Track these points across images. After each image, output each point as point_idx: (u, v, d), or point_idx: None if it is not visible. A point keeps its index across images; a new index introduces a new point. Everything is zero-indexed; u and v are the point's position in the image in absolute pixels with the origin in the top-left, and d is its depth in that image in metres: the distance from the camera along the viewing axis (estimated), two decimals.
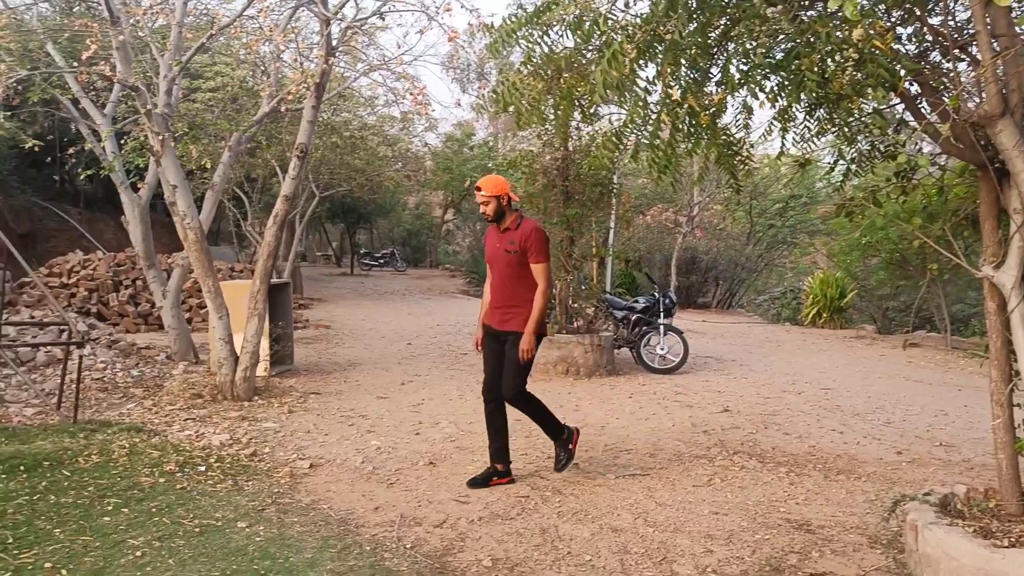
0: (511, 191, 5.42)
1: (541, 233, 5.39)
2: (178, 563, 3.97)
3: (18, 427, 6.32)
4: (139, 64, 7.78)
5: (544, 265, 5.35)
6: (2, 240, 7.90)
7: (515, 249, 5.34)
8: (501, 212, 5.42)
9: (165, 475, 5.34)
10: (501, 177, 5.49)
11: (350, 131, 15.23)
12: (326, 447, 6.40)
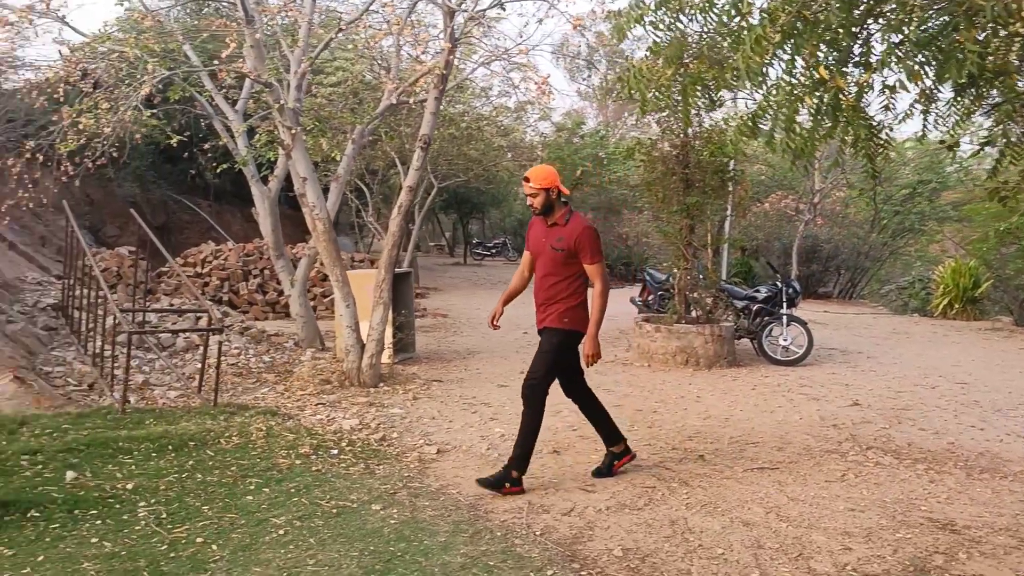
0: (561, 184, 5.16)
1: (593, 231, 5.13)
2: (318, 542, 4.11)
3: (164, 409, 6.69)
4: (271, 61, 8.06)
5: (599, 266, 5.10)
6: (147, 232, 8.34)
7: (563, 247, 5.07)
8: (550, 205, 5.15)
9: (301, 457, 5.54)
10: (551, 168, 5.26)
11: (466, 122, 15.40)
12: (451, 433, 6.50)
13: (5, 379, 6.85)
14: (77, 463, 5.12)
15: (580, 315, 5.18)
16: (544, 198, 5.12)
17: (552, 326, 5.16)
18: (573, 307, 5.15)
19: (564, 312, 5.13)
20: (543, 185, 5.10)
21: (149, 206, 19.27)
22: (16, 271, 10.51)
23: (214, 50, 12.09)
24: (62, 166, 7.92)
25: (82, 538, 4.05)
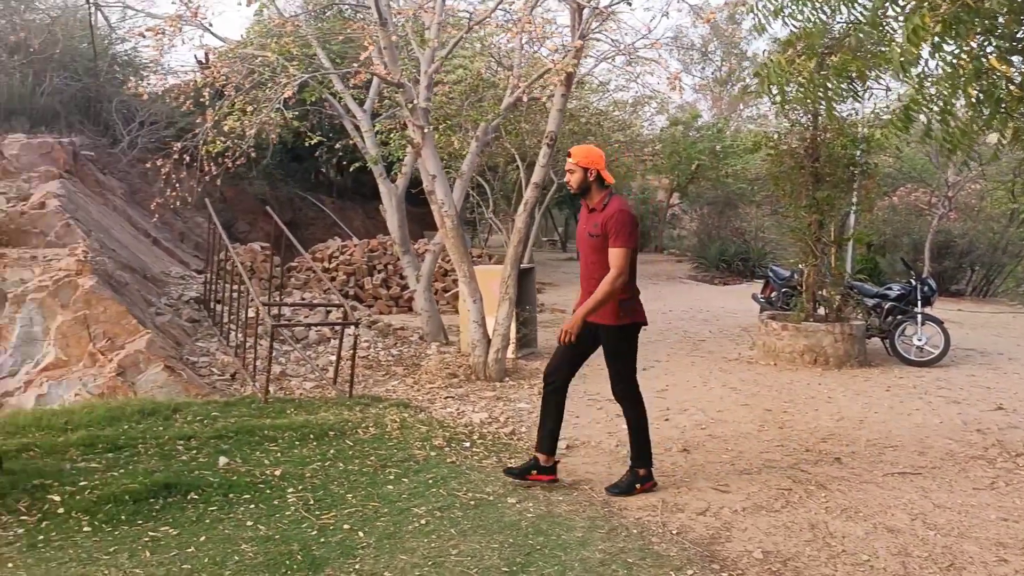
0: (605, 169, 4.89)
1: (627, 214, 4.76)
2: (459, 533, 4.21)
3: (302, 399, 6.96)
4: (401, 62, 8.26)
5: (623, 250, 4.69)
6: (282, 229, 8.70)
7: (598, 232, 4.78)
8: (587, 187, 4.87)
9: (435, 449, 5.68)
10: (598, 150, 5.01)
11: (586, 117, 15.38)
12: (579, 429, 6.53)
13: (157, 368, 7.27)
14: (227, 449, 5.40)
15: (633, 306, 4.91)
16: (581, 177, 4.86)
17: (607, 323, 4.86)
18: (625, 299, 4.84)
19: (616, 307, 4.82)
20: (582, 163, 4.84)
21: (277, 203, 20.00)
22: (161, 266, 11.13)
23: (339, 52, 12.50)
24: (206, 166, 8.34)
25: (238, 521, 4.28)
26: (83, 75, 15.56)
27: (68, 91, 14.88)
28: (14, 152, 11.19)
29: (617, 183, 28.42)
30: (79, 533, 4.06)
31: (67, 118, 14.55)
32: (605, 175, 4.88)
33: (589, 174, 4.85)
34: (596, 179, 4.86)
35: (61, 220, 9.14)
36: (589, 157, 4.87)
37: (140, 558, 3.78)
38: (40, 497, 4.38)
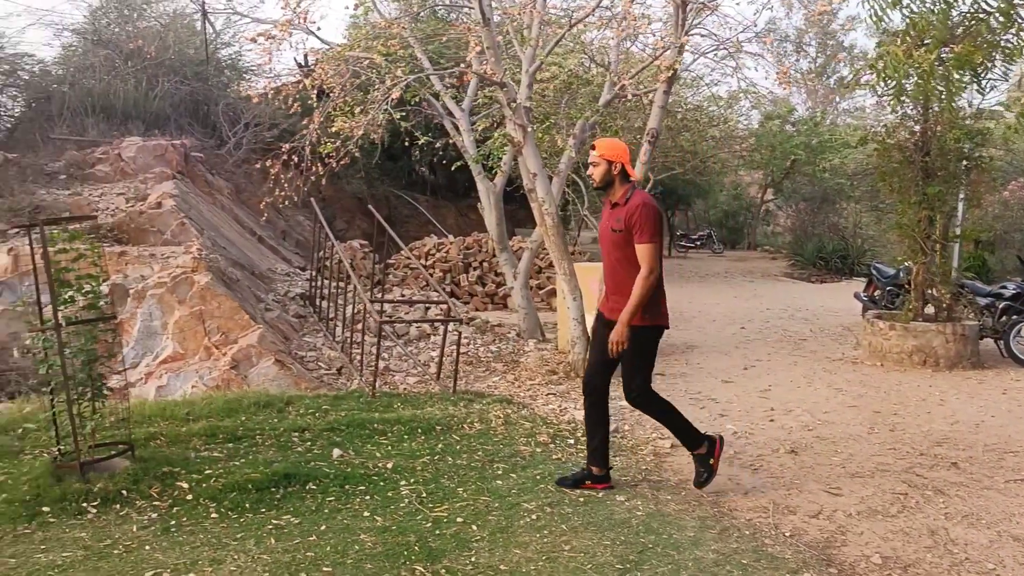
0: (629, 164, 4.71)
1: (650, 208, 4.58)
2: (570, 529, 4.24)
3: (407, 394, 7.12)
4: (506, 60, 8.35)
5: (650, 246, 4.54)
6: (385, 229, 8.89)
7: (621, 227, 4.61)
8: (609, 181, 4.69)
9: (540, 445, 5.74)
10: (623, 143, 4.82)
11: (681, 112, 15.23)
12: None
13: (268, 361, 7.54)
14: (340, 441, 5.57)
15: (657, 306, 4.71)
16: (604, 170, 4.67)
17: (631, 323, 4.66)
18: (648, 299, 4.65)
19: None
20: (607, 156, 4.66)
21: (373, 201, 20.38)
22: (267, 263, 11.51)
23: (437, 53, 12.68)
24: (314, 166, 8.60)
25: (355, 511, 4.41)
26: (191, 79, 16.20)
27: (178, 95, 15.52)
28: (131, 154, 11.74)
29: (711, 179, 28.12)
30: (207, 519, 4.25)
31: (177, 121, 15.18)
32: (629, 169, 4.72)
33: (613, 168, 4.67)
34: (620, 173, 4.69)
35: (176, 219, 9.55)
36: (614, 150, 4.70)
37: (266, 545, 3.94)
38: (170, 484, 4.60)
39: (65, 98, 13.73)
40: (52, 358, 4.65)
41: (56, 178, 11.00)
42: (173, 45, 16.06)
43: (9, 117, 14.82)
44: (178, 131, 14.60)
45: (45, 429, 5.43)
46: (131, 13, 18.19)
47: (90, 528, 4.10)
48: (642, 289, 4.54)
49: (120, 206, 9.80)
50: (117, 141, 12.26)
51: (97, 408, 4.82)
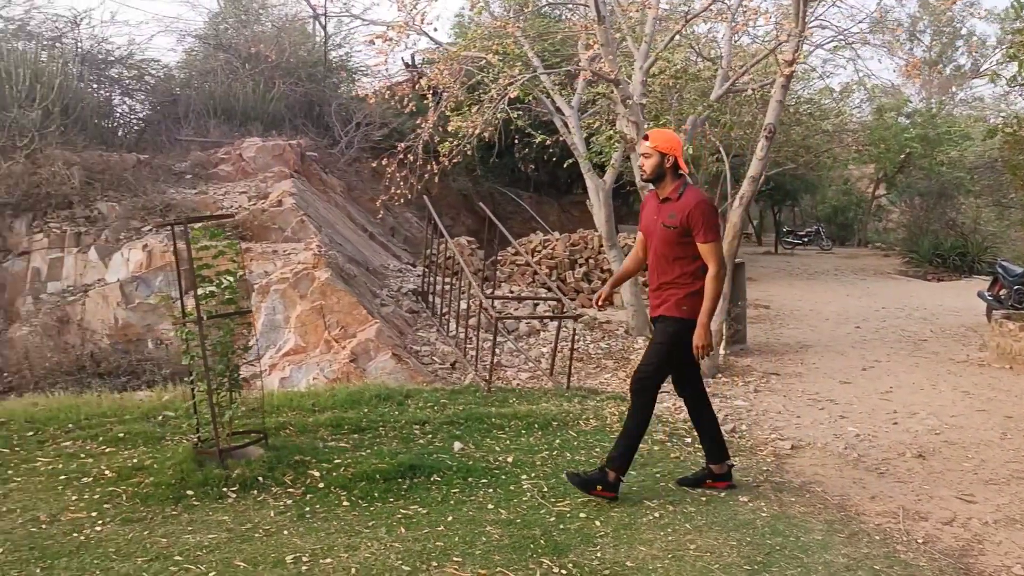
0: (682, 158, 4.58)
1: (708, 206, 4.50)
2: (694, 528, 4.23)
3: (521, 389, 7.20)
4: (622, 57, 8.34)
5: (714, 245, 4.48)
6: (497, 226, 9.00)
7: (675, 224, 4.50)
8: (661, 174, 4.56)
9: (658, 443, 5.73)
10: (676, 136, 4.75)
11: (793, 105, 14.86)
12: (801, 429, 6.37)
13: (386, 355, 7.74)
14: (460, 435, 5.68)
15: (697, 302, 4.56)
16: (656, 162, 4.54)
17: (669, 314, 4.59)
18: (692, 293, 4.54)
19: (682, 299, 4.55)
20: (660, 147, 4.53)
21: (478, 198, 20.64)
22: (379, 259, 11.79)
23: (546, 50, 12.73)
24: (428, 164, 8.78)
25: (479, 503, 4.50)
26: (305, 81, 16.71)
27: (293, 96, 16.02)
28: (251, 154, 12.21)
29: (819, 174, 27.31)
30: (339, 507, 4.41)
31: (291, 121, 15.68)
32: (682, 163, 4.60)
33: (666, 160, 4.54)
34: (672, 166, 4.56)
35: (296, 217, 9.90)
36: (668, 142, 4.58)
37: (397, 533, 4.06)
38: (302, 472, 4.79)
39: (190, 101, 14.37)
40: (194, 350, 4.90)
41: (183, 178, 11.54)
42: (288, 48, 16.58)
43: (138, 120, 15.58)
44: (293, 131, 15.07)
45: (184, 416, 5.74)
46: (248, 18, 18.88)
47: (231, 512, 4.31)
48: (714, 288, 4.49)
49: (243, 204, 10.22)
50: (238, 142, 12.76)
51: (234, 398, 5.05)
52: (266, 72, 15.73)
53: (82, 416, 5.86)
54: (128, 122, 15.60)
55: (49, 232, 9.31)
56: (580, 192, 24.76)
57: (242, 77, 15.57)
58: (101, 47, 14.70)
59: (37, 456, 5.16)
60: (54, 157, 9.78)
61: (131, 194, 10.00)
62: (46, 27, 13.91)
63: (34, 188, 9.49)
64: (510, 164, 22.01)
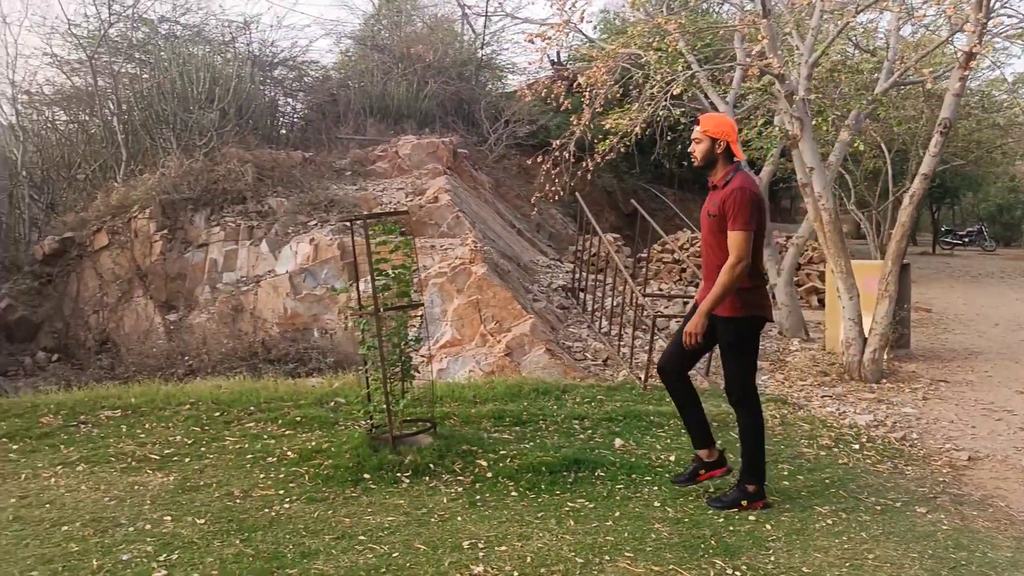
0: (736, 143, 4.29)
1: (747, 192, 4.16)
2: (871, 538, 4.10)
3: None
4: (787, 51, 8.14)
5: (741, 234, 4.12)
6: (649, 222, 8.96)
7: (716, 212, 4.24)
8: (712, 160, 4.30)
9: (824, 448, 5.58)
10: (730, 120, 4.43)
11: (964, 98, 14.05)
12: (977, 440, 6.05)
13: (540, 350, 7.85)
14: (619, 431, 5.72)
15: (755, 298, 4.33)
16: (707, 148, 4.29)
17: (724, 314, 4.29)
18: (745, 289, 4.26)
19: (735, 297, 4.26)
20: (711, 132, 4.28)
21: (622, 195, 20.62)
22: (529, 255, 11.96)
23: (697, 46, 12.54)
24: (584, 161, 8.83)
25: (645, 501, 4.52)
26: (456, 79, 17.11)
27: (444, 94, 16.45)
28: (406, 152, 12.61)
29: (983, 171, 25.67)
30: (508, 496, 4.53)
31: (443, 119, 16.10)
32: (735, 149, 4.31)
33: (717, 146, 4.28)
34: (724, 152, 4.29)
35: (452, 213, 10.16)
36: (720, 126, 4.32)
37: (567, 526, 4.13)
38: (470, 461, 4.95)
39: (349, 100, 14.98)
40: (370, 340, 5.13)
41: (343, 174, 12.04)
42: (441, 47, 17.03)
43: (300, 119, 16.36)
44: (444, 128, 15.48)
45: (355, 403, 6.02)
46: (400, 18, 19.50)
47: (406, 496, 4.50)
48: (726, 279, 4.17)
49: (401, 200, 10.58)
50: (394, 140, 13.20)
51: (406, 388, 5.26)
52: (419, 71, 16.21)
53: (261, 399, 6.25)
54: (290, 121, 16.40)
55: (225, 226, 9.93)
56: None
57: (396, 76, 16.10)
58: (267, 50, 15.55)
59: (225, 435, 5.55)
60: (230, 155, 10.44)
61: (298, 190, 10.54)
62: (218, 32, 14.83)
63: (212, 184, 10.16)
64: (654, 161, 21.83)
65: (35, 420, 5.79)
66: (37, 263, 10.25)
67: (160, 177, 10.07)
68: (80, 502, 4.36)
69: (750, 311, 4.31)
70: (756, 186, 4.31)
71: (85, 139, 12.39)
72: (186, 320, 9.53)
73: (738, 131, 5.68)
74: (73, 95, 13.07)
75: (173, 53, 11.95)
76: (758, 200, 4.22)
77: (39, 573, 3.52)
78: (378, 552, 3.77)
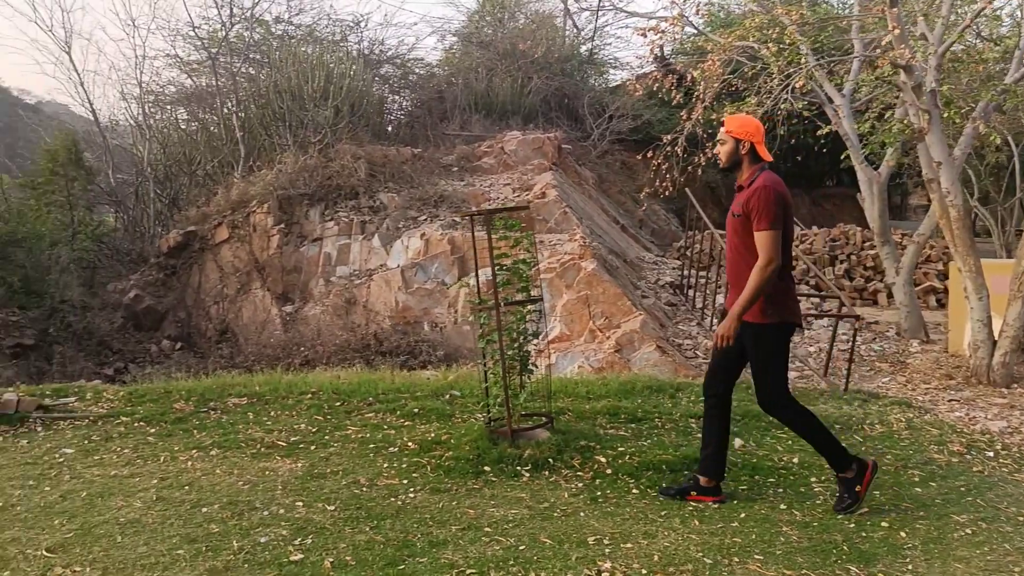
0: (762, 144, 4.15)
1: (771, 191, 4.01)
2: (1015, 550, 3.91)
3: (794, 389, 6.97)
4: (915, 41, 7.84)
5: (769, 234, 3.99)
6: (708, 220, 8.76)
7: (740, 212, 4.12)
8: (737, 161, 4.19)
9: (955, 455, 5.36)
10: (756, 121, 4.24)
11: None
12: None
13: (650, 347, 7.79)
14: (737, 431, 5.60)
15: (784, 302, 4.18)
16: (731, 149, 4.19)
17: (752, 320, 4.16)
18: (772, 294, 4.12)
19: (762, 302, 4.11)
20: (735, 133, 4.17)
21: (726, 190, 20.24)
22: (634, 251, 11.87)
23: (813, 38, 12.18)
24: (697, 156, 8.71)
25: (771, 503, 4.43)
26: (558, 75, 17.12)
27: (547, 90, 16.47)
28: (512, 148, 12.68)
29: None
30: (629, 494, 4.51)
31: (546, 115, 16.13)
32: (761, 150, 4.18)
33: (742, 146, 4.17)
34: (749, 153, 4.17)
35: (559, 208, 10.17)
36: (745, 127, 4.20)
37: (691, 525, 4.09)
38: (589, 457, 4.95)
39: (456, 97, 15.16)
40: (491, 334, 5.17)
41: (450, 170, 12.20)
42: (544, 43, 17.06)
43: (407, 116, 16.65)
44: (548, 124, 15.50)
45: (470, 396, 6.10)
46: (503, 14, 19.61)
47: (527, 490, 4.53)
48: (757, 281, 4.04)
49: (508, 196, 10.64)
50: (500, 135, 13.30)
51: (524, 382, 5.29)
52: (523, 68, 16.27)
53: (379, 390, 6.39)
54: (396, 118, 16.71)
55: (339, 220, 10.20)
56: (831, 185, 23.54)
57: (500, 73, 16.21)
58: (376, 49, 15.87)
59: (347, 424, 5.70)
60: (344, 152, 10.71)
61: (408, 186, 10.73)
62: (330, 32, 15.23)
63: (326, 180, 10.44)
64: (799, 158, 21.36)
65: (169, 405, 6.06)
66: (162, 255, 10.74)
67: (277, 173, 10.40)
68: (216, 485, 4.54)
69: (779, 317, 4.21)
70: (782, 185, 4.18)
71: (205, 137, 12.91)
72: (301, 312, 9.83)
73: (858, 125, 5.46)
74: (194, 94, 13.63)
75: (290, 52, 12.32)
76: (783, 199, 4.10)
77: (184, 551, 3.67)
78: (505, 544, 3.80)
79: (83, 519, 4.03)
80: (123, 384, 7.78)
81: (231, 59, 13.13)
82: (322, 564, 3.56)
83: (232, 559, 3.60)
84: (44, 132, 14.19)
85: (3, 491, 4.44)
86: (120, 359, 9.62)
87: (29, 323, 9.21)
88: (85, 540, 3.79)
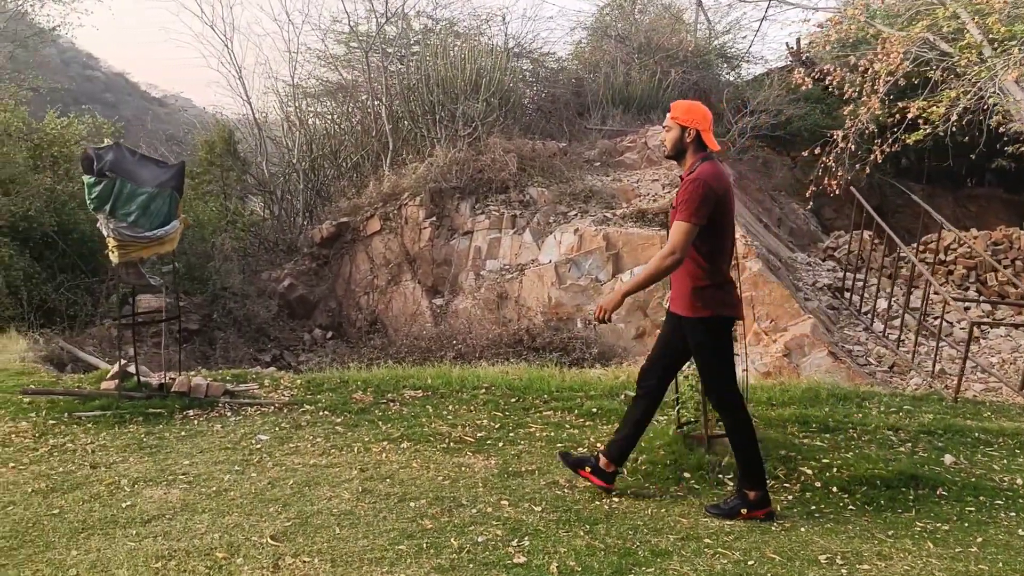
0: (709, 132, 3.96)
1: (700, 184, 3.84)
2: None
3: (994, 403, 6.55)
4: None
5: (682, 226, 3.84)
6: (941, 222, 8.29)
7: (676, 204, 3.99)
8: (681, 149, 4.02)
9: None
10: (704, 108, 4.04)
11: None
12: None
13: (822, 353, 7.46)
14: (943, 447, 5.28)
15: (717, 296, 4.02)
16: (676, 137, 4.02)
17: (684, 314, 4.07)
18: (703, 287, 4.00)
19: (692, 294, 4.01)
20: (679, 120, 4.00)
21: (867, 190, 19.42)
22: (784, 252, 11.45)
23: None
24: (874, 153, 8.31)
25: (1006, 527, 4.13)
26: (695, 69, 16.72)
27: (685, 84, 16.09)
28: (655, 143, 12.42)
29: None
30: (845, 510, 4.29)
31: None
32: (707, 138, 3.98)
33: (687, 134, 4.00)
34: (694, 141, 4.00)
35: None
36: (688, 115, 4.01)
37: (925, 548, 3.83)
38: (792, 468, 4.73)
39: (595, 92, 14.97)
40: None
41: (592, 165, 12.04)
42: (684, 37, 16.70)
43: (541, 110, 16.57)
44: None
45: None
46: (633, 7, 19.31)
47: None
48: (652, 267, 3.95)
49: (658, 192, 10.42)
50: (642, 130, 13.05)
51: None
52: (660, 62, 15.96)
53: (552, 388, 6.29)
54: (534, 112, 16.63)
55: (489, 214, 10.18)
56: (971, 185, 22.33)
57: (636, 67, 15.93)
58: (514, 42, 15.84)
59: (527, 422, 5.63)
60: (494, 145, 10.68)
61: (557, 180, 10.63)
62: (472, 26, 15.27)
63: (477, 173, 10.44)
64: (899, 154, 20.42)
65: (347, 395, 6.12)
66: (315, 245, 10.96)
67: (428, 166, 10.46)
68: (416, 479, 4.52)
69: (713, 311, 4.06)
70: (719, 179, 3.98)
71: (351, 130, 13.13)
72: (451, 305, 9.86)
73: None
74: (340, 88, 13.88)
75: (440, 45, 12.40)
76: (713, 193, 3.89)
77: (405, 547, 3.65)
78: (731, 558, 3.64)
79: (297, 508, 4.07)
80: (289, 371, 7.95)
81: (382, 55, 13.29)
82: (548, 568, 3.48)
83: (456, 558, 3.56)
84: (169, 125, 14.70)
85: (213, 476, 4.53)
86: (276, 346, 9.86)
87: (194, 308, 9.54)
88: (306, 530, 3.82)
